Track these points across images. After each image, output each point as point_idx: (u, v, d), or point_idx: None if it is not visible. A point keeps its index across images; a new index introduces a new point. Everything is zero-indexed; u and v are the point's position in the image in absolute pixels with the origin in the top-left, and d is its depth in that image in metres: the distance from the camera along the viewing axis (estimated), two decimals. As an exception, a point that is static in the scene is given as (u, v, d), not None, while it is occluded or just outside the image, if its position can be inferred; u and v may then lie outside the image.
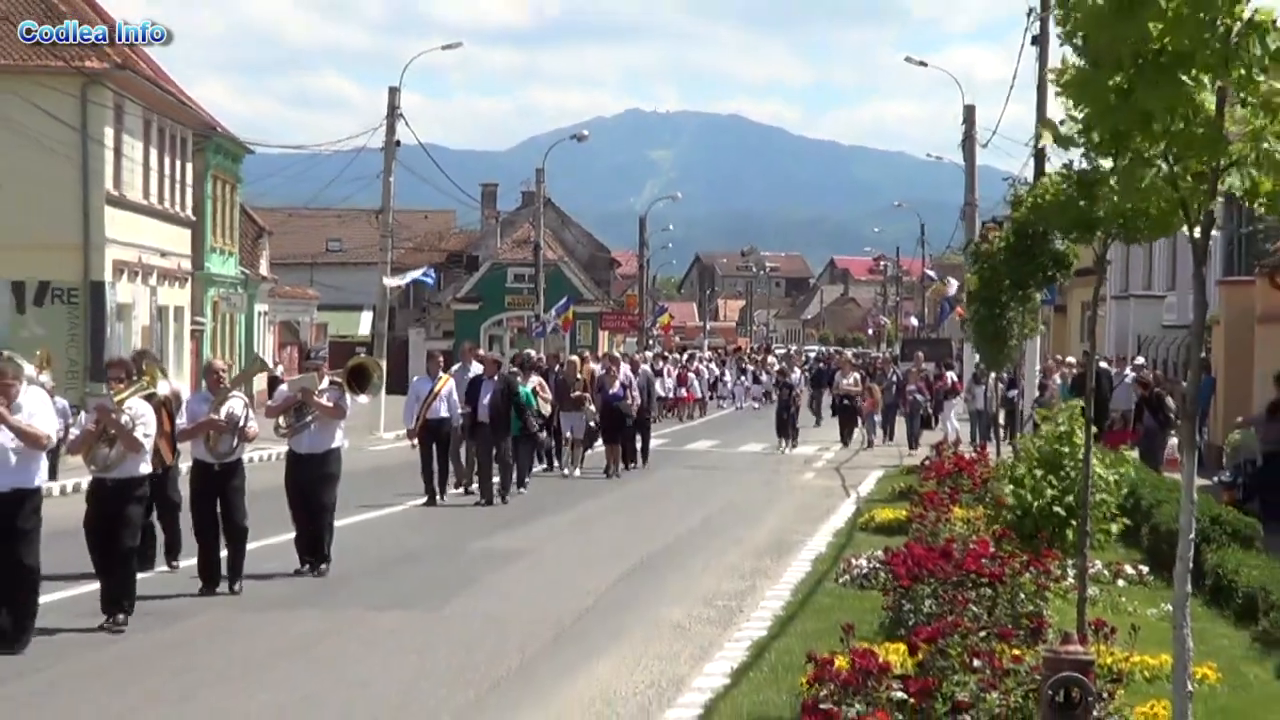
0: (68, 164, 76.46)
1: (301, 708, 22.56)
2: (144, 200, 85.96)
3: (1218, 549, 27.68)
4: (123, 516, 26.63)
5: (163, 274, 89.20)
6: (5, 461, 23.45)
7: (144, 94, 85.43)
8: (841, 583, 29.82)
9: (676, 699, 22.01)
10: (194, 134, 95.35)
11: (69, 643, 26.23)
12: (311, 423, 32.08)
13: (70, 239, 77.75)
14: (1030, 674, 14.30)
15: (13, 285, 77.14)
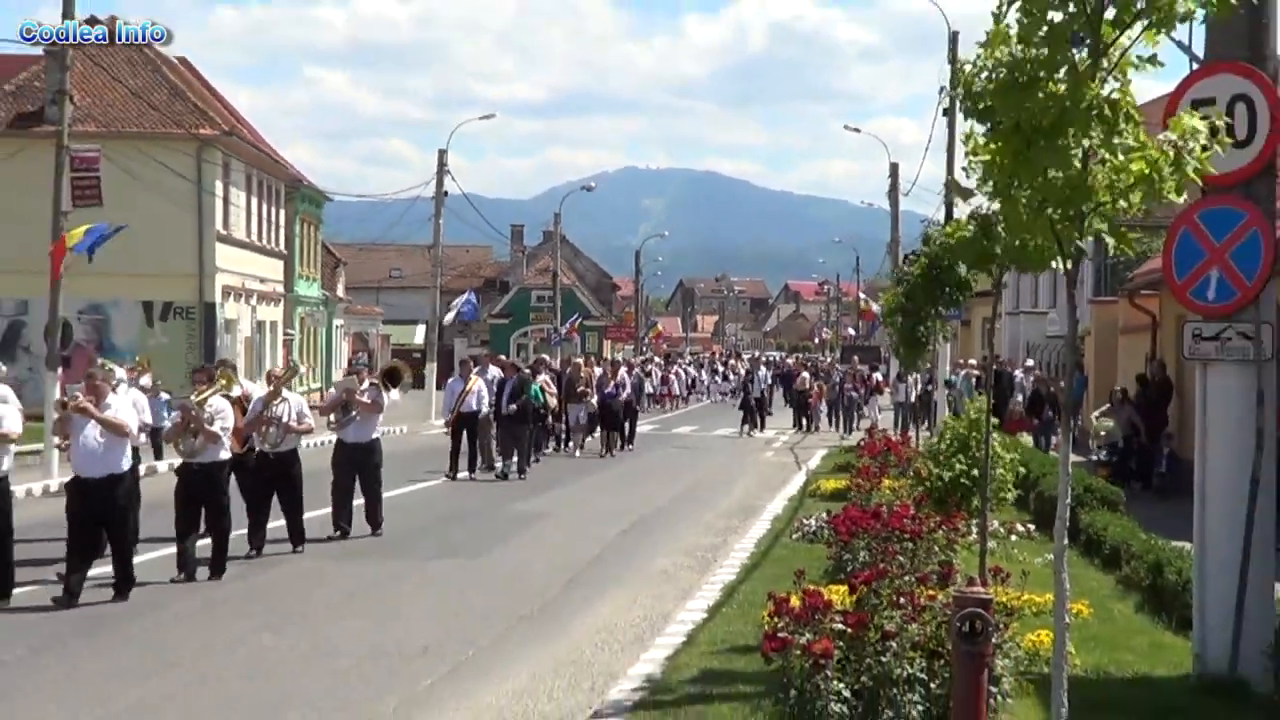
0: (186, 209, 77.04)
1: (370, 635, 22.70)
2: (246, 238, 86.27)
3: (1089, 511, 27.88)
4: (208, 495, 26.93)
5: (261, 296, 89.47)
6: (96, 453, 23.56)
7: (246, 154, 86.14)
8: (795, 538, 29.89)
9: (665, 629, 22.12)
10: (285, 185, 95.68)
11: (177, 590, 26.33)
12: (356, 416, 32.12)
13: (188, 268, 78.12)
14: (942, 610, 14.34)
15: (144, 305, 77.57)
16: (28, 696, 18.61)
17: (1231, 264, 16.40)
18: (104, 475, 23.52)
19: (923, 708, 14.41)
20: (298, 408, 30.01)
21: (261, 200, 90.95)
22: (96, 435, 23.40)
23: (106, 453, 23.56)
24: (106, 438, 23.49)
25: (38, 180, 60.77)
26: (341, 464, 32.34)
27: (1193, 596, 17.44)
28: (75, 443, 23.99)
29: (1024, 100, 9.91)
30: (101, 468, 23.55)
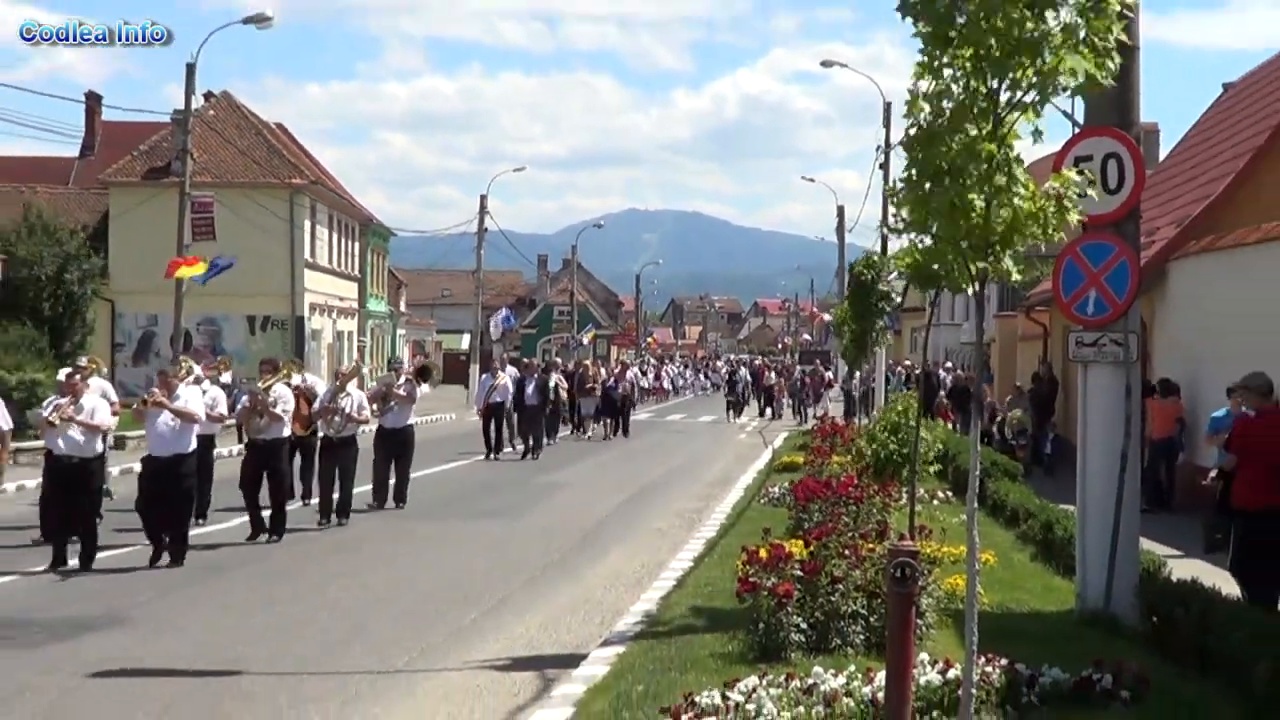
0: (281, 243, 76.94)
1: (423, 580, 22.74)
2: (328, 264, 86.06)
3: (995, 481, 27.87)
4: (272, 467, 26.68)
5: (339, 310, 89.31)
6: (167, 436, 23.16)
7: (328, 199, 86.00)
8: (763, 503, 29.82)
9: (660, 575, 22.09)
10: (359, 223, 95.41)
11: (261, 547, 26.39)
12: (394, 406, 31.76)
13: (282, 289, 78.07)
14: (879, 559, 14.35)
15: (248, 318, 77.60)
16: (166, 623, 18.68)
17: (1106, 286, 16.49)
18: (172, 454, 23.19)
19: (864, 637, 14.44)
20: (358, 401, 29.75)
21: (340, 235, 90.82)
22: (168, 421, 23.10)
23: (176, 436, 23.24)
24: (177, 423, 23.20)
25: (165, 220, 60.99)
26: (380, 446, 31.98)
27: (1075, 548, 17.50)
28: (150, 428, 23.62)
29: (931, 151, 9.94)
30: (170, 448, 23.22)
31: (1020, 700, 12.29)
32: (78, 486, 22.83)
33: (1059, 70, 9.69)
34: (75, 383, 23.44)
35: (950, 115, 9.95)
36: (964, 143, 9.89)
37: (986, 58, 9.71)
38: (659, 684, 13.51)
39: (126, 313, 76.13)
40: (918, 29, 9.90)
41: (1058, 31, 9.68)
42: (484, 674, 16.04)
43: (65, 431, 22.76)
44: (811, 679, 12.36)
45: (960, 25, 9.70)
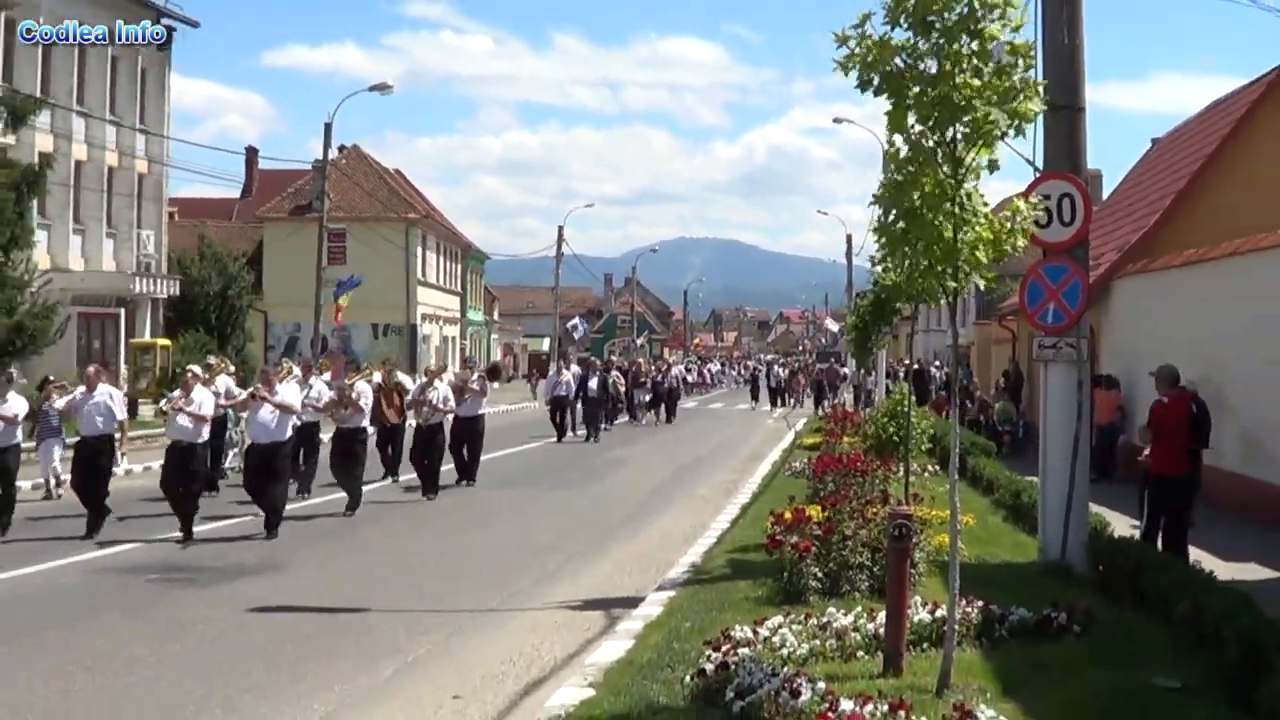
0: (398, 265, 77.50)
1: (514, 536, 22.79)
2: (436, 282, 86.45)
3: (974, 457, 27.77)
4: (352, 451, 25.97)
5: (445, 319, 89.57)
6: (268, 426, 22.46)
7: (436, 230, 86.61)
8: (787, 475, 29.70)
9: (703, 534, 22.04)
10: (461, 249, 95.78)
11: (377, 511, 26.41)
12: (467, 399, 30.88)
13: (399, 302, 78.64)
14: (881, 521, 14.30)
15: (372, 326, 77.87)
16: (308, 570, 18.75)
17: (1062, 300, 16.47)
18: (270, 442, 22.47)
19: (868, 583, 14.39)
20: (444, 393, 29.24)
21: (445, 258, 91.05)
22: (268, 412, 22.48)
23: (275, 426, 22.54)
24: (276, 414, 22.57)
25: (307, 248, 61.46)
26: (456, 433, 31.15)
27: (1038, 511, 17.48)
28: (252, 419, 23.22)
29: (902, 196, 9.95)
30: (271, 437, 22.58)
31: (993, 634, 12.29)
32: (183, 467, 22.04)
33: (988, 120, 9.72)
34: (188, 379, 22.94)
35: (919, 163, 9.98)
36: (933, 183, 9.90)
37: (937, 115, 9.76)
38: (703, 621, 13.51)
39: (276, 322, 76.82)
40: (886, 99, 9.95)
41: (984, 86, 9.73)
42: (561, 612, 16.07)
43: (176, 420, 22.21)
44: (826, 617, 12.35)
45: (912, 94, 9.77)
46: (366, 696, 12.21)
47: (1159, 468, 17.61)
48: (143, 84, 58.53)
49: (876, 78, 9.95)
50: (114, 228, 57.26)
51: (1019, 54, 9.91)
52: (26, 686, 12.34)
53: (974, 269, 10.27)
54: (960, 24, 9.75)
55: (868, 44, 9.89)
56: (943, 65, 9.76)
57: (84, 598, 17.01)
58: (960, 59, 9.76)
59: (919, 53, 9.80)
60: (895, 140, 10.19)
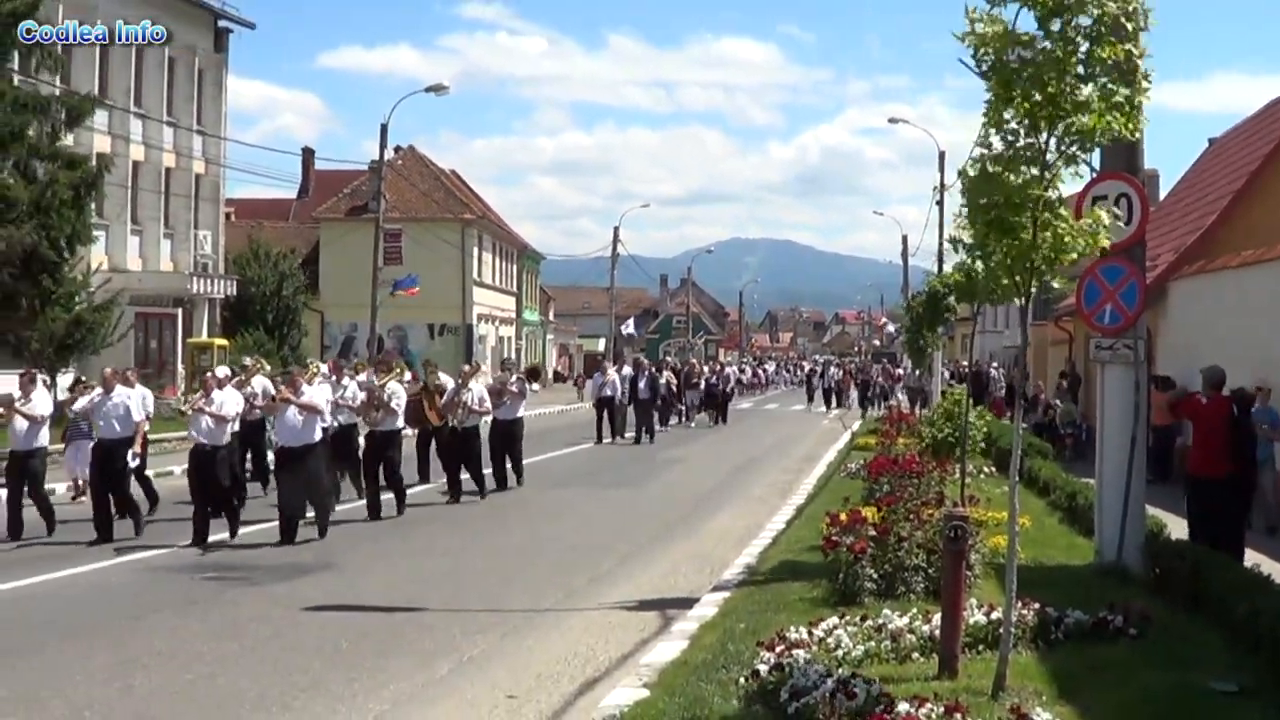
0: (454, 265, 77.67)
1: (568, 535, 22.81)
2: (491, 282, 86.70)
3: (1030, 459, 27.60)
4: (385, 455, 25.07)
5: (501, 320, 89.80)
6: (296, 428, 21.83)
7: (492, 230, 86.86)
8: (842, 476, 29.60)
9: (759, 534, 22.05)
10: (517, 249, 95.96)
11: (432, 512, 26.51)
12: (506, 401, 30.41)
13: (455, 302, 78.78)
14: (937, 522, 14.27)
15: (429, 326, 78.12)
16: (363, 569, 18.84)
17: (1120, 301, 16.39)
18: (300, 444, 21.91)
19: (924, 585, 14.36)
20: (479, 394, 28.76)
21: (501, 258, 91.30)
22: (295, 414, 21.85)
23: (302, 428, 21.93)
24: (304, 416, 21.91)
25: (364, 249, 61.58)
26: (495, 436, 30.63)
27: (1095, 513, 17.41)
28: (280, 421, 22.38)
29: (992, 189, 9.89)
30: (297, 439, 21.92)
31: (1049, 636, 12.24)
32: (208, 469, 21.56)
33: (1098, 128, 9.66)
34: (209, 379, 22.54)
35: (1008, 161, 9.92)
36: (1021, 183, 9.85)
37: (1039, 114, 9.70)
38: (757, 622, 13.50)
39: (333, 321, 77.05)
40: (988, 88, 9.86)
41: (1095, 97, 9.64)
42: (617, 613, 16.09)
43: (197, 422, 21.61)
44: (881, 619, 12.33)
45: (1019, 88, 9.67)
46: (421, 695, 12.25)
47: (1197, 469, 17.63)
48: (200, 85, 58.87)
49: (988, 64, 9.86)
50: (171, 228, 57.58)
51: (1132, 69, 9.82)
52: (85, 684, 12.42)
53: (1049, 273, 10.26)
54: (1086, 30, 9.66)
55: (993, 28, 9.78)
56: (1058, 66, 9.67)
57: (140, 597, 17.12)
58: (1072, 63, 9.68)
59: (1038, 49, 9.69)
60: (990, 135, 10.12)
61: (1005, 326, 69.25)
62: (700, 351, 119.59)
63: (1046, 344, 51.26)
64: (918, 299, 34.59)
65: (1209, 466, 17.28)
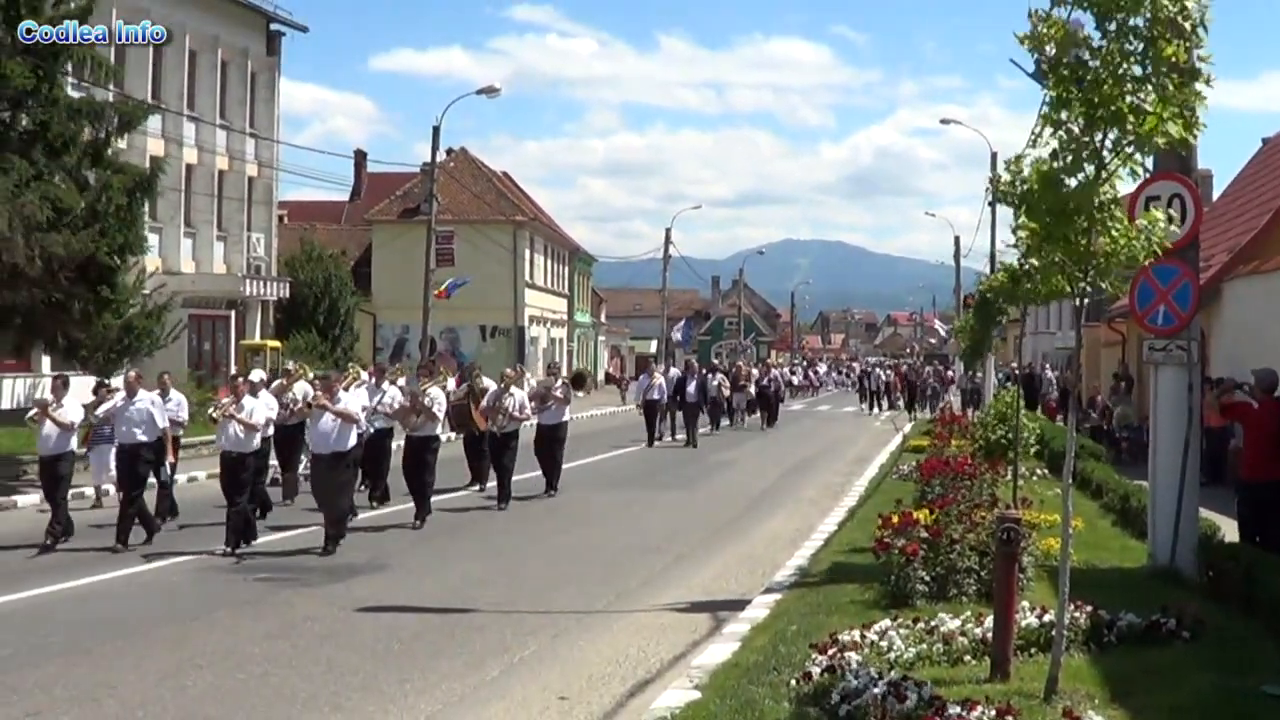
0: (506, 267, 77.75)
1: (622, 537, 22.93)
2: (543, 284, 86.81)
3: (1082, 461, 27.50)
4: (423, 460, 24.46)
5: (552, 322, 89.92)
6: (329, 436, 21.13)
7: (543, 232, 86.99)
8: (894, 478, 29.57)
9: (810, 536, 22.07)
10: (568, 251, 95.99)
11: (482, 514, 26.59)
12: (550, 406, 29.84)
13: (507, 304, 78.88)
14: (989, 525, 14.24)
15: (480, 328, 78.19)
16: (415, 570, 18.92)
17: (1173, 302, 16.33)
18: (331, 452, 21.22)
19: (976, 587, 14.33)
20: (520, 400, 28.02)
21: (553, 260, 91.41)
22: (329, 421, 21.13)
23: (336, 436, 21.19)
24: (337, 423, 21.14)
25: (415, 250, 61.73)
26: (538, 440, 30.15)
27: (1148, 515, 17.36)
28: (313, 428, 21.88)
29: (1053, 193, 9.85)
30: (329, 447, 21.24)
31: (1102, 639, 12.20)
32: (235, 477, 21.10)
33: (1155, 132, 9.62)
34: (239, 384, 21.99)
35: (1068, 163, 9.87)
36: (1081, 185, 9.81)
37: (1095, 116, 9.66)
38: (809, 624, 13.50)
39: (385, 323, 77.18)
40: (1046, 88, 9.82)
41: (1153, 100, 9.60)
42: (668, 614, 16.11)
43: (226, 428, 21.18)
44: (933, 621, 12.32)
45: (1078, 90, 9.63)
46: (473, 696, 12.29)
47: (1249, 473, 17.60)
48: (252, 88, 59.08)
49: (1047, 64, 9.81)
50: (224, 230, 57.81)
51: (1191, 71, 9.76)
52: (139, 684, 12.51)
53: (1104, 275, 10.23)
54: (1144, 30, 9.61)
55: (1052, 28, 9.73)
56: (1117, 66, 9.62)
57: (194, 597, 17.25)
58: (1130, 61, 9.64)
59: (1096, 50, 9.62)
60: (1046, 135, 10.08)
61: (1057, 328, 68.96)
62: (752, 353, 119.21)
63: (1099, 345, 51.09)
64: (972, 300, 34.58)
65: (1261, 470, 17.21)
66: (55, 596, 17.34)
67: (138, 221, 33.23)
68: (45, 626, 15.29)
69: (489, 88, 57.53)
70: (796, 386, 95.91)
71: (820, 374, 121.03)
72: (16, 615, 16.11)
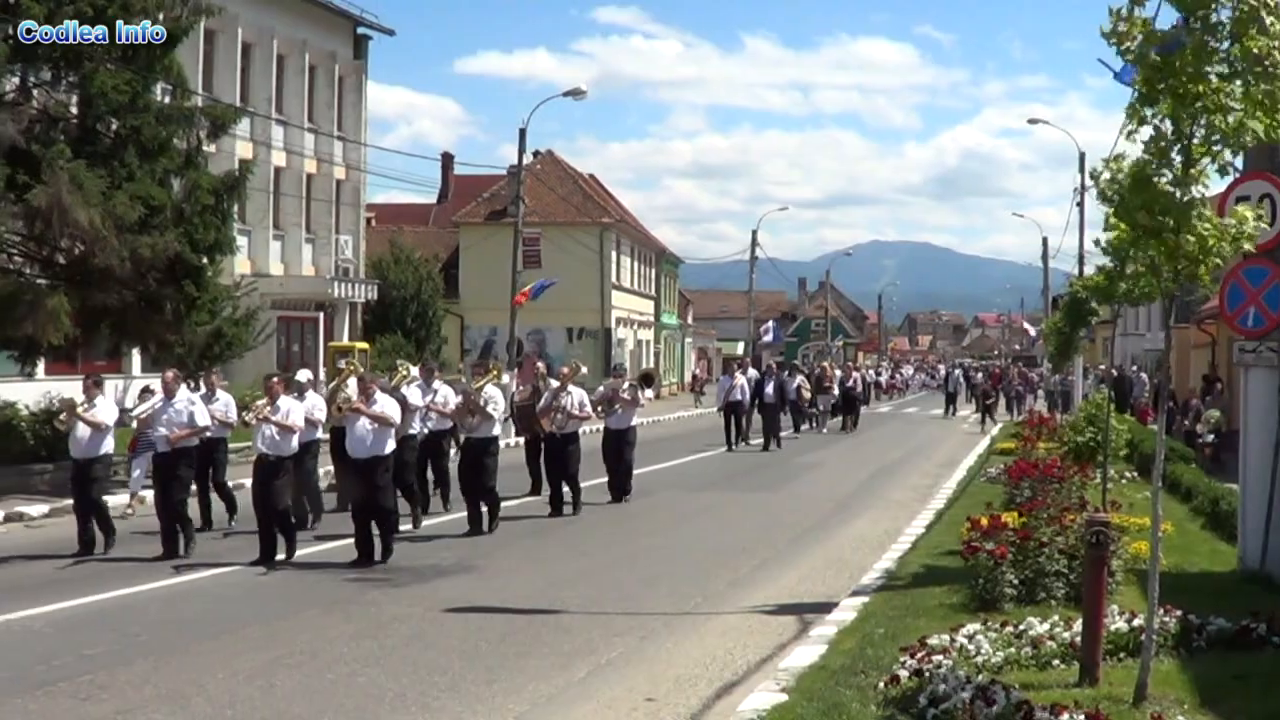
0: (593, 269, 77.81)
1: (709, 538, 22.91)
2: (630, 286, 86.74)
3: (1171, 464, 27.28)
4: (481, 464, 23.25)
5: (639, 323, 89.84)
6: (365, 440, 19.85)
7: (629, 234, 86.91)
8: (982, 481, 29.42)
9: (898, 539, 21.97)
10: (655, 253, 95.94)
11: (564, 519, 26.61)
12: (618, 409, 28.61)
13: (593, 306, 78.81)
14: (1079, 528, 14.17)
15: (567, 329, 78.10)
16: (502, 571, 19.02)
17: (1263, 303, 16.22)
18: (369, 457, 19.95)
19: (1065, 591, 14.28)
20: (579, 398, 26.64)
21: (639, 262, 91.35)
22: (366, 425, 19.94)
23: (372, 440, 19.94)
24: (375, 427, 19.95)
25: (503, 253, 61.95)
26: (605, 445, 29.04)
27: (1238, 519, 17.22)
28: (349, 432, 20.30)
29: (1143, 191, 9.81)
30: (366, 451, 19.96)
31: (1191, 644, 12.14)
32: (271, 481, 20.01)
33: (1241, 128, 9.56)
34: (273, 384, 20.83)
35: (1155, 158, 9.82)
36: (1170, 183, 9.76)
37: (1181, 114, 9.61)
38: (896, 627, 13.48)
39: (473, 325, 77.49)
40: (1131, 86, 9.79)
41: (1239, 96, 9.54)
42: (755, 616, 16.12)
43: (262, 431, 20.06)
44: (1022, 625, 12.29)
45: (1165, 85, 9.58)
46: (560, 697, 12.33)
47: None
48: (340, 91, 59.53)
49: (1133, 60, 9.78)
50: (313, 233, 58.23)
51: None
52: (229, 682, 12.62)
53: (1191, 274, 10.18)
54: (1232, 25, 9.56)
55: (1136, 25, 9.69)
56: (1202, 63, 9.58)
57: (284, 597, 17.38)
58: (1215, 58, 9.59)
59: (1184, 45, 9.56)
60: (1133, 135, 10.04)
61: (1146, 329, 68.51)
62: (838, 355, 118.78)
63: (1189, 347, 50.73)
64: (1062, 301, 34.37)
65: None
66: (143, 597, 17.50)
67: (226, 222, 33.53)
68: (135, 625, 15.43)
69: (575, 90, 57.65)
70: (882, 389, 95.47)
71: (907, 376, 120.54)
72: (106, 615, 16.26)
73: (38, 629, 15.34)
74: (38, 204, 27.24)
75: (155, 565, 19.62)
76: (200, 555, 20.45)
